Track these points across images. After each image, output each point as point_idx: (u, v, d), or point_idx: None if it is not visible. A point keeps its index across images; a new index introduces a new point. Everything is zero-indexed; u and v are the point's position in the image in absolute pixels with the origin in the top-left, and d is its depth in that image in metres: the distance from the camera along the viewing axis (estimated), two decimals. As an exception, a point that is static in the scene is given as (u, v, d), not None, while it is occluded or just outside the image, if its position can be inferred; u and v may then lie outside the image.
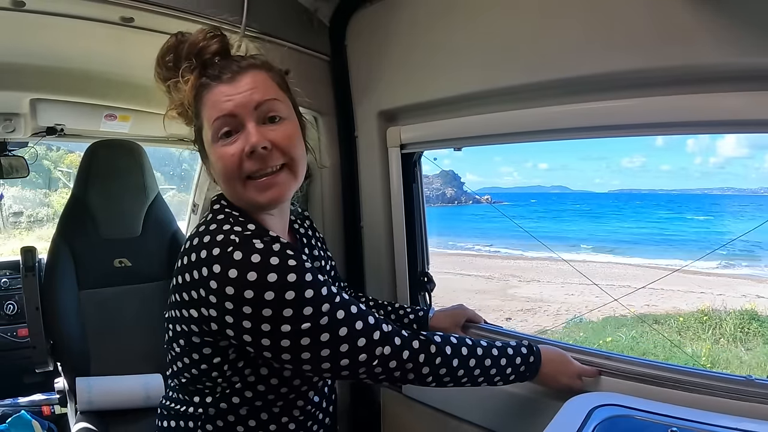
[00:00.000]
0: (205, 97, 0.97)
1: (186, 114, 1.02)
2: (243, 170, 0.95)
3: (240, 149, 0.94)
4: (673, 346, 6.93)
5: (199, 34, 0.99)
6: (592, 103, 1.28)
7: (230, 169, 0.95)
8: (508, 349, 1.13)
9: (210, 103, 0.96)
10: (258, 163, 0.95)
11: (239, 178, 0.96)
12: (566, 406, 1.09)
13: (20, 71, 1.79)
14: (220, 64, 0.98)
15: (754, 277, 10.36)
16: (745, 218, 15.84)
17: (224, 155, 0.95)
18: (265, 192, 0.96)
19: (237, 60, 1.00)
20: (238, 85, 0.95)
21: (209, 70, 0.98)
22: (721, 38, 1.04)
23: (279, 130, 0.97)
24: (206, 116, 0.97)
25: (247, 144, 0.93)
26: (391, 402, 1.82)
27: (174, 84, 0.99)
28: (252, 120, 0.95)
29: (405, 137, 1.69)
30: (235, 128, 0.95)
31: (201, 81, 0.98)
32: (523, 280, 10.85)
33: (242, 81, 0.96)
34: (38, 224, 9.93)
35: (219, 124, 0.95)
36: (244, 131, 0.95)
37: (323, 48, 1.77)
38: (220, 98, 0.95)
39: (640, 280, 10.71)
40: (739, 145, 21.22)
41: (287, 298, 0.88)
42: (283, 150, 0.97)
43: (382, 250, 1.79)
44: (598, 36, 1.21)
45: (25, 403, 2.51)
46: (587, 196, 24.79)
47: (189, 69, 0.98)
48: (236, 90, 0.95)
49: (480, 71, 1.44)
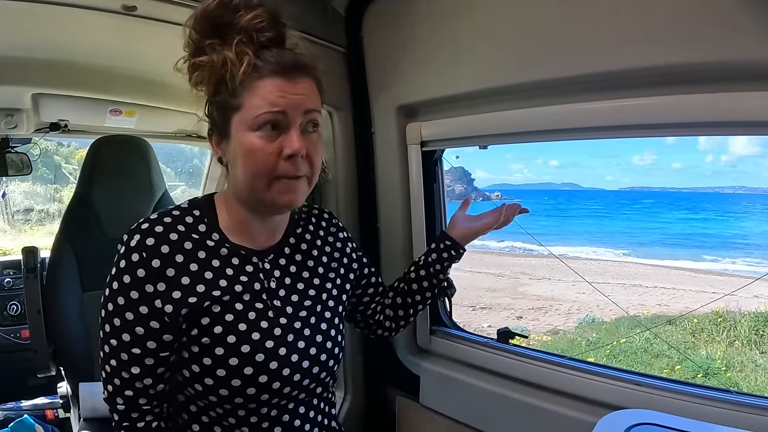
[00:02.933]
0: (256, 81, 0.94)
1: (214, 83, 0.97)
2: (276, 170, 0.94)
3: (279, 149, 0.94)
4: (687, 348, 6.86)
5: (259, 11, 0.95)
6: (629, 99, 1.21)
7: (264, 165, 0.94)
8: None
9: (261, 91, 0.93)
10: (292, 168, 0.95)
11: (268, 175, 0.95)
12: (600, 424, 1.02)
13: (21, 65, 1.76)
14: (276, 54, 0.95)
15: (767, 278, 10.27)
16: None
17: (261, 149, 0.94)
18: (286, 195, 0.96)
19: (295, 56, 0.97)
20: (295, 85, 0.94)
21: (266, 54, 0.94)
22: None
23: (313, 142, 0.98)
24: (251, 102, 0.94)
25: (290, 148, 0.93)
26: (406, 410, 1.78)
27: (212, 47, 0.94)
28: (296, 124, 0.95)
29: (426, 134, 1.63)
30: (279, 126, 0.94)
31: (255, 62, 0.94)
32: (534, 278, 10.80)
33: (300, 82, 0.95)
34: (49, 219, 10.05)
35: (267, 117, 0.93)
36: (288, 133, 0.94)
37: (338, 39, 1.71)
38: (275, 91, 0.93)
39: (651, 279, 10.66)
40: (751, 143, 21.01)
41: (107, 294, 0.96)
42: (311, 161, 0.98)
43: (400, 254, 1.73)
44: (637, 28, 1.13)
45: (28, 407, 2.52)
46: (598, 193, 24.73)
47: (244, 44, 0.94)
48: (293, 90, 0.94)
49: (507, 64, 1.37)
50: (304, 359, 1.03)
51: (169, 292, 0.94)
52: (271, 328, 1.00)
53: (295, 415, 1.06)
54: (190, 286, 0.96)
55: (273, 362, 0.99)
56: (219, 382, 0.97)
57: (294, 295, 1.06)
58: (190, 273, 0.96)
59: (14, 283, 2.58)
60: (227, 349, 0.96)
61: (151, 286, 0.93)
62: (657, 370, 5.91)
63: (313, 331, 1.06)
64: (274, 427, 1.03)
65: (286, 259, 1.08)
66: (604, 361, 5.71)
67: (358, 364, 1.86)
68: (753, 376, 5.96)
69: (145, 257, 0.94)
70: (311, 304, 1.08)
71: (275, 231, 1.07)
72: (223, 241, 1.00)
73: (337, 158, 1.77)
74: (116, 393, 0.98)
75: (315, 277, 1.11)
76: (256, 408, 1.00)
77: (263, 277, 1.03)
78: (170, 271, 0.94)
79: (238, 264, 1.01)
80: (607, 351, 6.38)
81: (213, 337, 0.96)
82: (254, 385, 0.98)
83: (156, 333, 0.95)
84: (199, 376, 0.97)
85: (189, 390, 1.01)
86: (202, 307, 0.96)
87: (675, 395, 1.21)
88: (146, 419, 1.00)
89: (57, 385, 2.15)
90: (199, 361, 0.97)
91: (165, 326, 0.95)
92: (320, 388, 1.09)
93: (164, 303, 0.94)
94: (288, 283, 1.06)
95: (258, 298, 1.01)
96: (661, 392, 1.24)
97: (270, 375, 0.99)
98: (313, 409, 1.09)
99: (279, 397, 1.02)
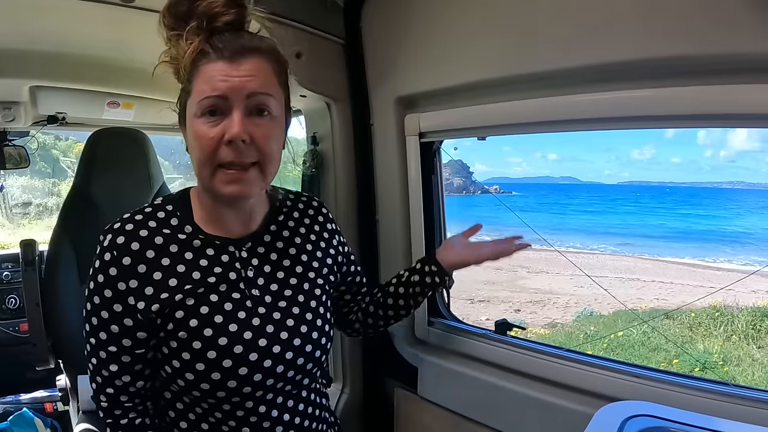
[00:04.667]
0: (201, 67, 0.92)
1: (178, 72, 0.96)
2: (217, 157, 0.92)
3: (220, 134, 0.91)
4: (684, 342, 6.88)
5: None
6: (627, 91, 1.20)
7: (205, 152, 0.92)
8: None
9: (204, 77, 0.91)
10: (233, 154, 0.91)
11: (211, 164, 0.92)
12: (597, 415, 1.02)
13: (19, 57, 1.76)
14: (227, 38, 0.92)
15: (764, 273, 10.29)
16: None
17: (203, 135, 0.91)
18: (230, 185, 0.93)
19: (245, 38, 0.94)
20: (238, 67, 0.91)
21: (215, 39, 0.92)
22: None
23: (262, 127, 0.93)
24: (197, 88, 0.92)
25: (228, 133, 0.90)
26: (405, 402, 1.77)
27: (175, 37, 0.93)
28: (240, 108, 0.91)
29: (424, 125, 1.62)
30: (221, 110, 0.91)
31: (203, 47, 0.92)
32: (532, 271, 10.82)
33: (244, 64, 0.91)
34: (47, 213, 10.03)
35: (207, 102, 0.91)
36: (229, 117, 0.91)
37: (337, 30, 1.70)
38: (216, 75, 0.90)
39: (649, 273, 10.69)
40: (751, 138, 21.00)
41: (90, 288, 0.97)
42: (259, 147, 0.93)
43: (399, 246, 1.73)
44: (635, 19, 1.12)
45: (27, 400, 2.52)
46: (597, 187, 24.74)
47: (195, 31, 0.92)
48: (235, 72, 0.90)
49: (507, 55, 1.36)
50: (287, 350, 1.00)
51: (141, 288, 0.94)
52: (249, 318, 0.98)
53: (283, 409, 1.03)
54: (162, 281, 0.94)
55: (252, 354, 0.96)
56: (199, 376, 0.95)
57: (273, 284, 1.03)
58: (161, 268, 0.95)
59: (13, 276, 2.59)
60: (204, 343, 0.94)
61: (123, 284, 0.93)
62: (654, 363, 5.93)
63: (297, 321, 1.02)
64: (263, 422, 1.01)
65: (266, 247, 1.05)
66: (602, 354, 5.72)
67: (356, 356, 1.85)
68: (750, 370, 5.99)
69: (116, 255, 0.93)
70: (292, 294, 1.04)
71: (250, 219, 1.04)
72: (196, 232, 0.99)
73: (335, 150, 1.76)
74: (99, 390, 0.99)
75: (297, 265, 1.07)
76: (241, 402, 0.98)
77: (240, 266, 1.00)
78: (141, 267, 0.94)
79: (212, 255, 0.99)
80: (605, 344, 6.40)
81: (189, 330, 0.94)
82: (234, 377, 0.96)
83: (130, 330, 0.95)
84: (179, 371, 0.96)
85: (173, 386, 0.99)
86: (176, 301, 0.94)
87: (672, 387, 1.22)
88: (129, 416, 1.00)
89: (56, 378, 2.15)
90: (179, 356, 0.95)
91: (139, 323, 0.94)
92: (307, 380, 1.07)
93: (137, 300, 0.94)
94: (267, 272, 1.03)
95: (235, 288, 0.99)
96: (657, 384, 1.24)
97: (250, 367, 0.96)
98: (303, 402, 1.07)
99: (263, 390, 0.99)
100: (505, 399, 1.45)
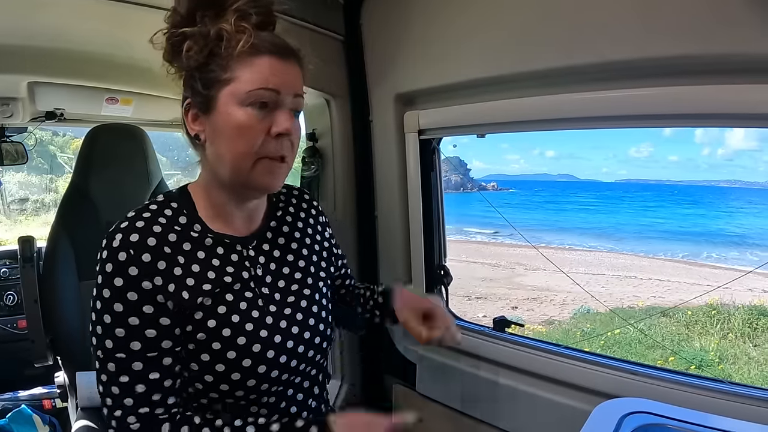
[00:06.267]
0: (252, 57, 0.91)
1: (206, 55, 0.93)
2: (264, 148, 0.92)
3: (267, 127, 0.91)
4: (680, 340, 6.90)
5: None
6: (628, 90, 1.21)
7: (251, 142, 0.91)
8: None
9: (257, 68, 0.91)
10: (277, 148, 0.93)
11: (254, 154, 0.92)
12: (595, 412, 1.04)
13: (17, 53, 1.74)
14: (271, 35, 0.95)
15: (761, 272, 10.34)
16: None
17: (251, 126, 0.91)
18: (268, 176, 0.94)
19: (289, 42, 0.96)
20: (288, 67, 0.93)
21: (262, 34, 0.93)
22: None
23: (297, 127, 0.96)
24: (244, 76, 0.91)
25: (281, 127, 0.91)
26: (403, 398, 1.79)
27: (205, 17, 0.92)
28: (287, 106, 0.93)
29: (423, 122, 1.63)
30: (268, 105, 0.92)
31: (253, 40, 0.92)
32: (530, 268, 10.82)
33: (292, 65, 0.94)
34: (44, 210, 10.00)
35: (261, 93, 0.91)
36: (277, 112, 0.92)
37: (337, 27, 1.71)
38: (270, 69, 0.92)
39: (646, 271, 10.70)
40: (748, 137, 20.99)
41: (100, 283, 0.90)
42: (294, 145, 0.96)
43: (398, 242, 1.73)
44: (636, 18, 1.13)
45: (25, 397, 2.50)
46: (594, 185, 24.77)
47: (242, 18, 0.92)
48: (286, 71, 0.93)
49: (506, 52, 1.37)
50: (299, 344, 1.01)
51: (166, 285, 0.90)
52: (262, 317, 0.97)
53: (293, 402, 1.04)
54: (181, 279, 0.91)
55: (270, 351, 0.96)
56: (219, 377, 0.93)
57: (281, 281, 1.03)
58: (179, 265, 0.92)
59: (10, 273, 2.56)
60: (224, 343, 0.92)
61: (148, 283, 0.88)
62: (651, 361, 5.95)
63: (305, 315, 1.04)
64: (272, 416, 1.00)
65: (269, 244, 1.05)
66: (599, 352, 5.75)
67: (354, 352, 1.86)
68: (746, 368, 6.00)
69: (133, 254, 0.88)
70: (298, 288, 1.05)
71: (253, 216, 1.04)
72: (206, 231, 0.97)
73: (335, 146, 1.76)
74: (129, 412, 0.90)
75: (300, 259, 1.08)
76: (258, 398, 0.98)
77: (249, 265, 1.00)
78: (161, 263, 0.90)
79: (223, 253, 0.97)
80: (602, 342, 6.41)
81: (208, 332, 0.92)
82: (254, 376, 0.95)
83: (169, 330, 0.90)
84: (199, 373, 0.94)
85: (190, 388, 0.97)
86: (196, 302, 0.92)
87: (669, 384, 1.23)
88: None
89: (54, 375, 2.14)
90: (197, 358, 0.93)
91: (174, 321, 0.90)
92: (315, 370, 1.08)
93: (166, 298, 0.89)
94: (273, 269, 1.03)
95: (247, 287, 0.98)
96: (655, 381, 1.25)
97: (268, 364, 0.96)
98: (311, 396, 1.08)
99: (278, 385, 0.99)
100: (503, 396, 1.46)
